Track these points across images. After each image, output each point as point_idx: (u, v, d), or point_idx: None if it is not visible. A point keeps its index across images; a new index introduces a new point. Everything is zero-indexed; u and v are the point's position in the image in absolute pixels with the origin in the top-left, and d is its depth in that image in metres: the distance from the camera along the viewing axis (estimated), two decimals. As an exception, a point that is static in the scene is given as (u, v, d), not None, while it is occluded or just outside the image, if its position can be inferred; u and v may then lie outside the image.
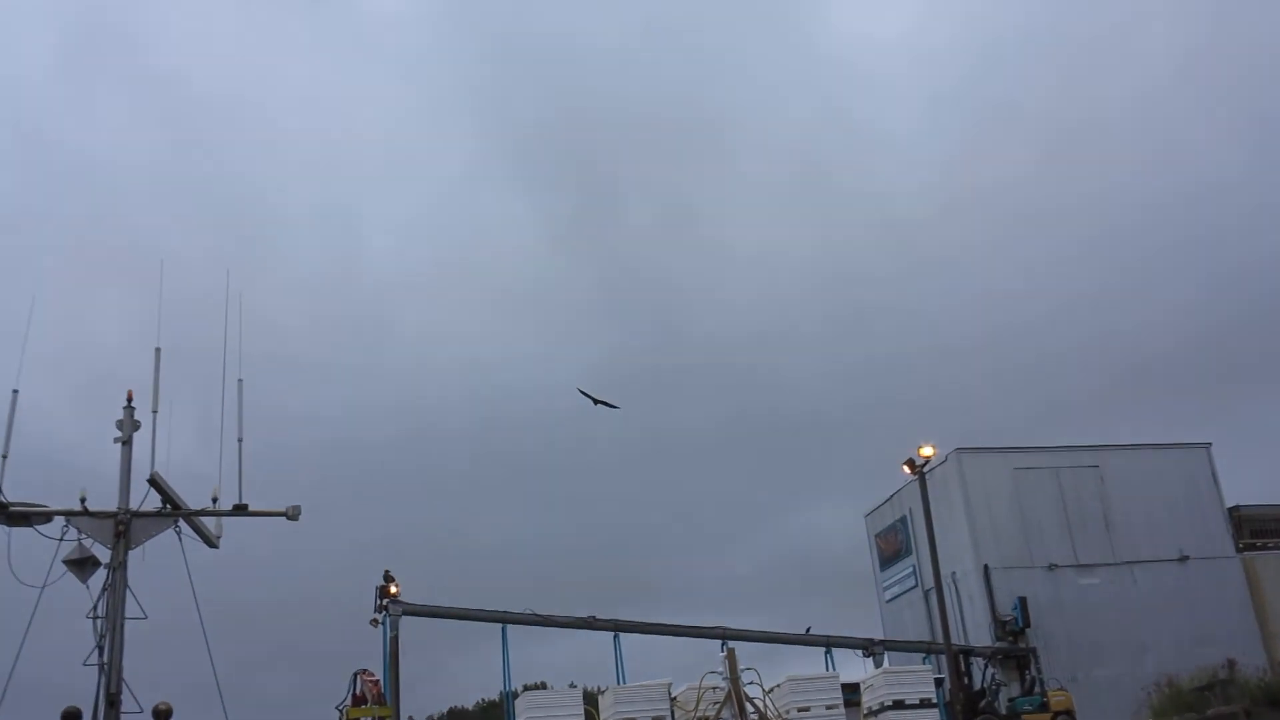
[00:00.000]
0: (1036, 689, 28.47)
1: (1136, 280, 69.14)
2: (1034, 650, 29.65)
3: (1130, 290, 69.46)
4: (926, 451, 27.37)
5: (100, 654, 10.72)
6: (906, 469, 27.81)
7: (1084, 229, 72.95)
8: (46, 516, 11.47)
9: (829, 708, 24.47)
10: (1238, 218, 68.22)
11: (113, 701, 10.29)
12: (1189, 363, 66.33)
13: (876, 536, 36.44)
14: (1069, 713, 26.91)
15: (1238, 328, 63.10)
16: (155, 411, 12.05)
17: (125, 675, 10.76)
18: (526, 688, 29.28)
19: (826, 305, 77.49)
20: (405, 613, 25.23)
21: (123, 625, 10.96)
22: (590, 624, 27.25)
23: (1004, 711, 27.42)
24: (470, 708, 44.86)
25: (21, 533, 11.45)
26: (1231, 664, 28.94)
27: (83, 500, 11.54)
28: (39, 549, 11.51)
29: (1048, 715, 26.62)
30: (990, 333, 69.67)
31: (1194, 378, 65.60)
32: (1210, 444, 34.09)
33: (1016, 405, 69.56)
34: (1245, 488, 38.89)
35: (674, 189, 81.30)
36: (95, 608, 11.09)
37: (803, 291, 77.53)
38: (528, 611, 27.10)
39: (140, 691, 10.89)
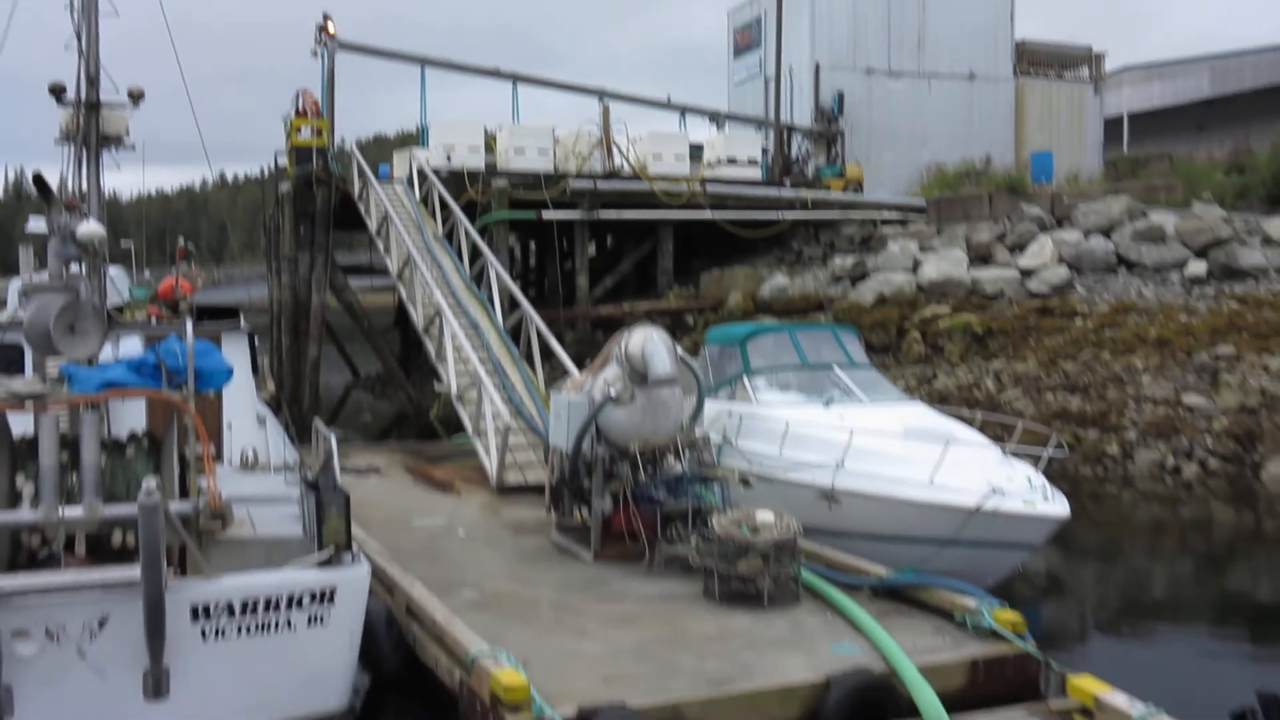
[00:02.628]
0: (838, 162, 32.83)
1: None
2: (841, 134, 33.56)
3: None
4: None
5: (79, 41, 10.02)
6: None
7: None
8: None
9: (677, 158, 28.13)
10: None
11: (92, 80, 9.86)
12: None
13: (735, 30, 38.73)
14: (858, 181, 31.33)
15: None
16: None
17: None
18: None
19: None
20: (340, 48, 27.02)
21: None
22: (496, 73, 29.47)
23: (810, 176, 31.67)
24: (391, 136, 47.12)
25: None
26: (988, 159, 33.40)
27: None
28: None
29: (842, 180, 30.94)
30: None
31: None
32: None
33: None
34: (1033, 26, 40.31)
35: None
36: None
37: None
38: (444, 58, 29.23)
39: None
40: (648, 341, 10.51)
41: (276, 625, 7.26)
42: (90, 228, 8.47)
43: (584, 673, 7.40)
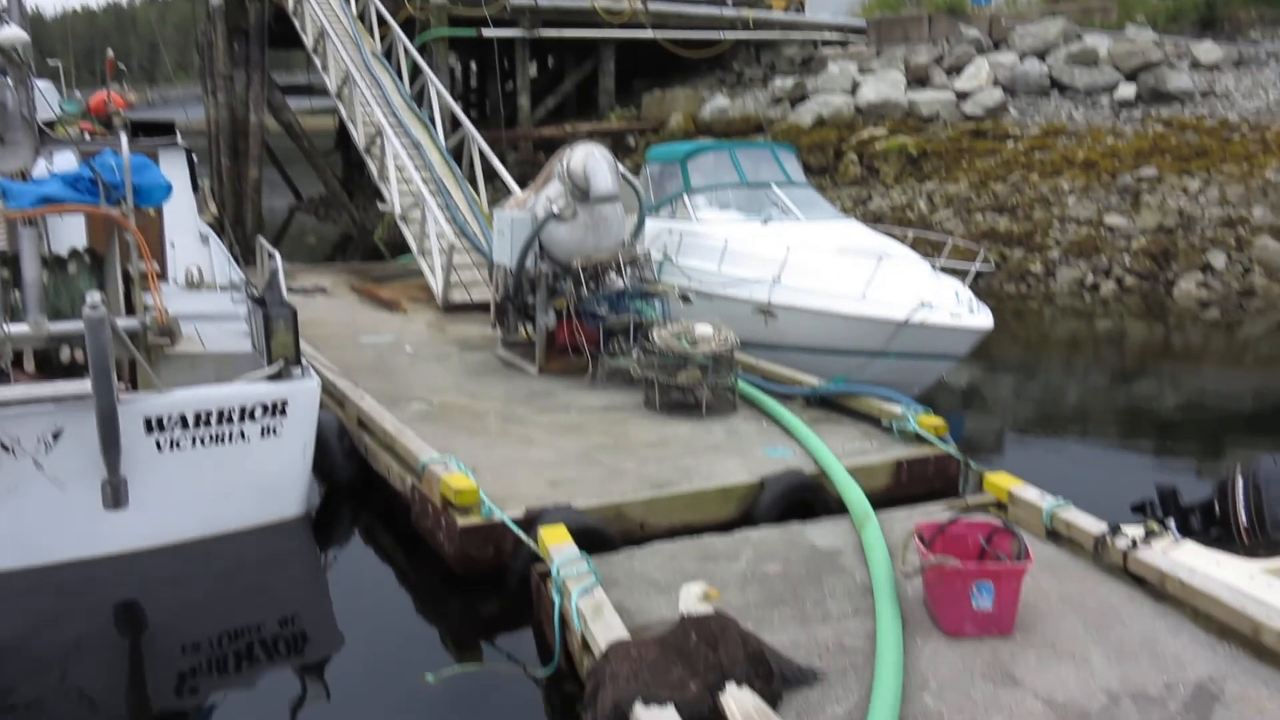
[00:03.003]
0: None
1: None
2: (784, -48, 32.50)
3: None
4: None
5: None
6: None
7: None
8: None
9: (618, -24, 27.04)
10: None
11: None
12: None
13: None
14: (800, 1, 30.49)
15: None
16: None
17: None
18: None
19: None
20: None
21: None
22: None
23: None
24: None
25: None
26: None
27: None
28: None
29: (785, 0, 30.08)
30: None
31: None
32: None
33: None
34: None
35: None
36: None
37: None
38: None
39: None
40: (589, 158, 10.32)
41: (230, 437, 7.29)
42: (11, 32, 8.01)
43: (530, 478, 7.56)
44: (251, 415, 7.29)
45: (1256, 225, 18.52)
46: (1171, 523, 6.65)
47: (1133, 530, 6.29)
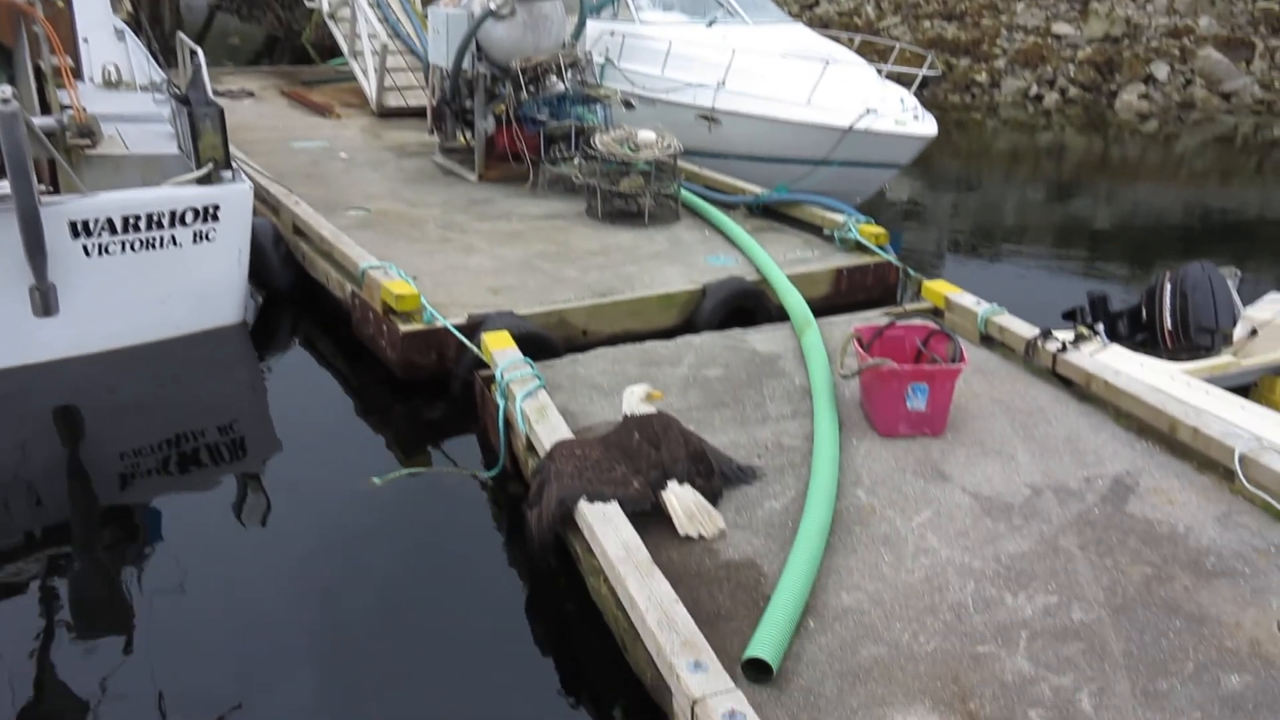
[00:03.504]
0: None
1: None
2: None
3: None
4: None
5: None
6: None
7: None
8: None
9: None
10: None
11: None
12: None
13: None
14: None
15: None
16: None
17: None
18: None
19: None
20: None
21: None
22: None
23: None
24: None
25: None
26: None
27: None
28: None
29: None
30: None
31: None
32: None
33: None
34: None
35: None
36: None
37: None
38: None
39: None
40: (528, -48, 9.81)
41: (161, 242, 7.09)
42: None
43: (472, 285, 7.50)
44: (182, 220, 7.07)
45: (1201, 35, 18.39)
46: (1100, 328, 6.83)
47: (1063, 335, 6.45)
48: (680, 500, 4.66)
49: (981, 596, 4.23)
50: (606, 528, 4.33)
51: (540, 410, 5.37)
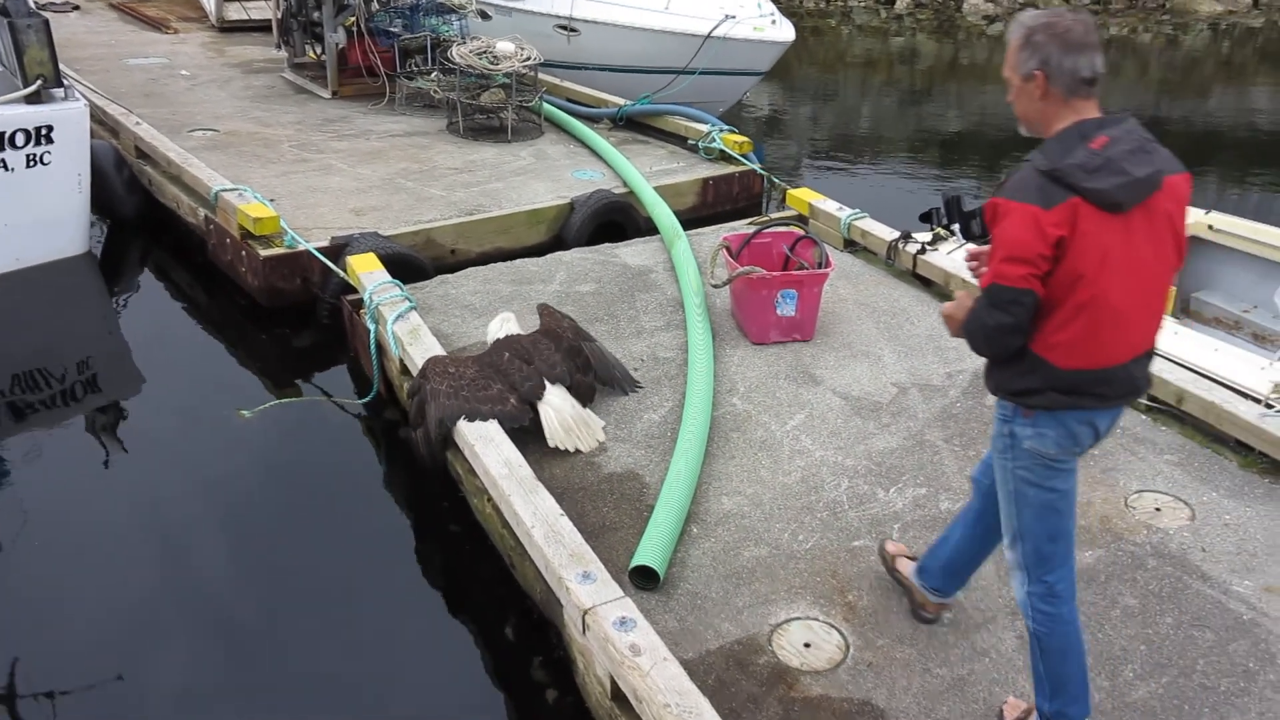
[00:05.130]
0: None
1: None
2: None
3: None
4: None
5: None
6: None
7: None
8: None
9: None
10: None
11: None
12: None
13: None
14: None
15: None
16: None
17: None
18: None
19: None
20: None
21: None
22: None
23: None
24: None
25: None
26: None
27: None
28: None
29: None
30: None
31: None
32: None
33: None
34: None
35: None
36: None
37: None
38: None
39: None
40: None
41: (-10, 168, 6.61)
42: None
43: (333, 207, 7.25)
44: (12, 143, 6.61)
45: (1043, -60, 18.82)
46: (956, 228, 7.03)
47: (921, 236, 6.63)
48: (558, 414, 4.66)
49: (855, 493, 4.39)
50: (488, 447, 4.30)
51: (413, 332, 5.27)
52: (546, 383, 4.72)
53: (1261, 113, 14.29)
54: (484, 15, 10.13)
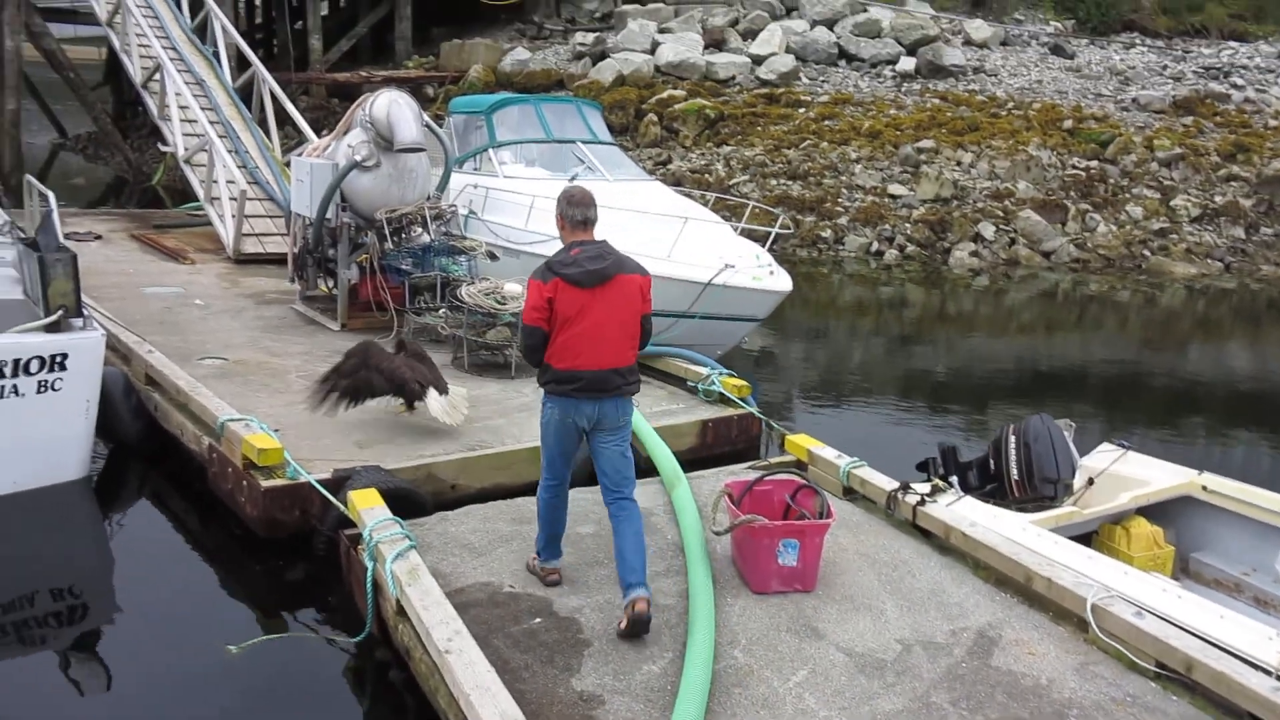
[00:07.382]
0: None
1: None
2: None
3: None
4: None
5: None
6: None
7: None
8: None
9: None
10: None
11: None
12: None
13: None
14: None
15: None
16: None
17: None
18: None
19: None
20: None
21: None
22: None
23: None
24: None
25: None
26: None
27: None
28: None
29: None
30: None
31: None
32: None
33: None
34: None
35: None
36: None
37: None
38: None
39: None
40: (393, 105, 10.00)
41: (2, 392, 6.71)
42: None
43: (337, 439, 7.33)
44: (27, 369, 6.74)
45: (1020, 198, 19.90)
46: (954, 480, 7.13)
47: (920, 487, 6.70)
48: (438, 402, 7.25)
49: (863, 758, 4.25)
50: (484, 697, 4.19)
51: (412, 572, 5.22)
52: (429, 389, 7.38)
53: (1239, 369, 14.73)
54: (492, 256, 10.55)
